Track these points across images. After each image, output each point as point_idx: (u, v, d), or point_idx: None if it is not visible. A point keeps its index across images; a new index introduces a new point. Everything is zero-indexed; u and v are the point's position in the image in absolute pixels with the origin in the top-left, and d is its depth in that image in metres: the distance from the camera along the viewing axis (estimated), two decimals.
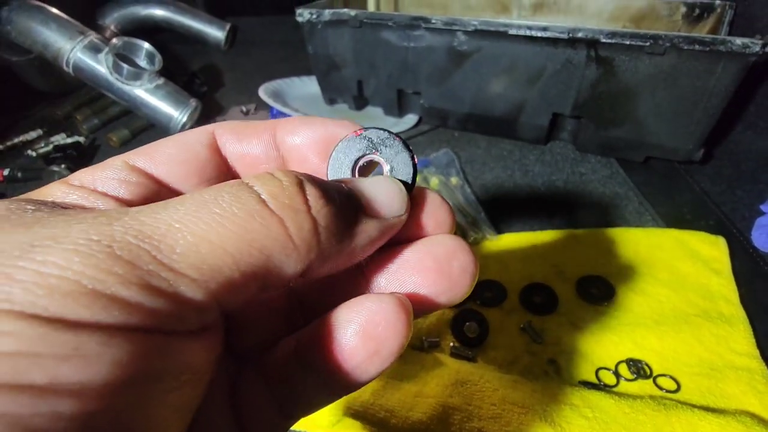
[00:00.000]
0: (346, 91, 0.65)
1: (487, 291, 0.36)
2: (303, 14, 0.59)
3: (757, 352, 0.30)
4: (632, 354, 0.30)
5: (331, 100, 0.69)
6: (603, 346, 0.31)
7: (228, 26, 1.01)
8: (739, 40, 0.39)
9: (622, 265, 0.37)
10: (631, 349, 0.31)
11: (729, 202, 0.46)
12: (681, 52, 0.42)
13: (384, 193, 0.13)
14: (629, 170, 0.51)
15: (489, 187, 0.51)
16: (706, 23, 0.54)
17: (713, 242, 0.38)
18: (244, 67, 0.90)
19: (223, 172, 0.15)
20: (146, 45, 0.65)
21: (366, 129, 0.14)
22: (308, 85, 0.72)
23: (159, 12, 0.99)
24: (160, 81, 0.65)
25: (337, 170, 0.14)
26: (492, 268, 0.38)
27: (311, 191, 0.11)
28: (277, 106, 0.63)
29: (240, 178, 0.12)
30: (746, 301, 0.34)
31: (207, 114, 0.67)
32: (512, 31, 0.47)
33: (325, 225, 0.11)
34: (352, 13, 0.56)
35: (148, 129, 0.71)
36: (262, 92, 0.65)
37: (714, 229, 0.40)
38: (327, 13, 0.58)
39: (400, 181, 0.13)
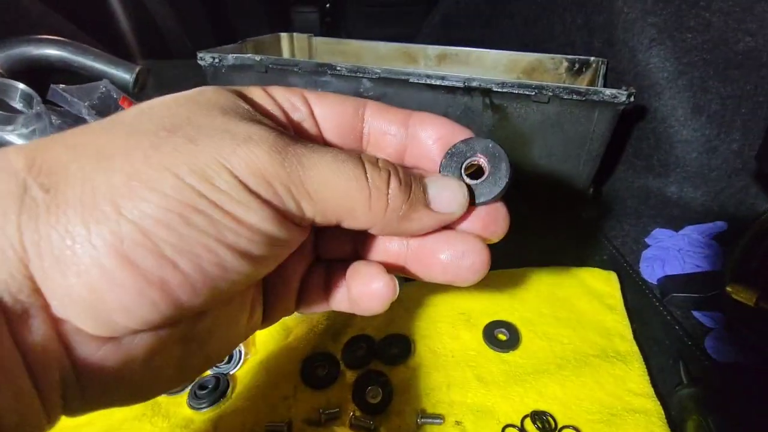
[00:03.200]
0: None
1: (393, 347, 0.33)
2: (205, 58, 0.57)
3: (652, 391, 0.30)
4: (537, 405, 0.29)
5: None
6: (509, 400, 0.30)
7: (137, 68, 0.95)
8: (608, 91, 0.44)
9: (526, 308, 0.37)
10: (536, 401, 0.29)
11: (619, 236, 0.49)
12: (563, 101, 0.45)
13: (447, 194, 0.16)
14: (532, 209, 0.53)
15: None
16: (585, 76, 0.60)
17: (606, 278, 0.40)
18: None
19: (357, 137, 0.18)
20: (21, 86, 0.58)
21: (477, 138, 0.17)
22: None
23: (54, 52, 0.90)
24: (39, 125, 0.58)
25: (448, 165, 0.17)
26: (398, 321, 0.36)
27: (394, 180, 0.15)
28: None
29: (368, 146, 0.19)
30: (639, 335, 0.35)
31: None
32: (412, 80, 0.49)
33: (393, 207, 0.15)
34: (257, 58, 0.54)
35: None
36: None
37: (607, 264, 0.42)
38: (230, 58, 0.56)
39: (497, 182, 0.17)
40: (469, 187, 0.17)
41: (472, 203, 0.17)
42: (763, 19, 0.48)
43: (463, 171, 0.17)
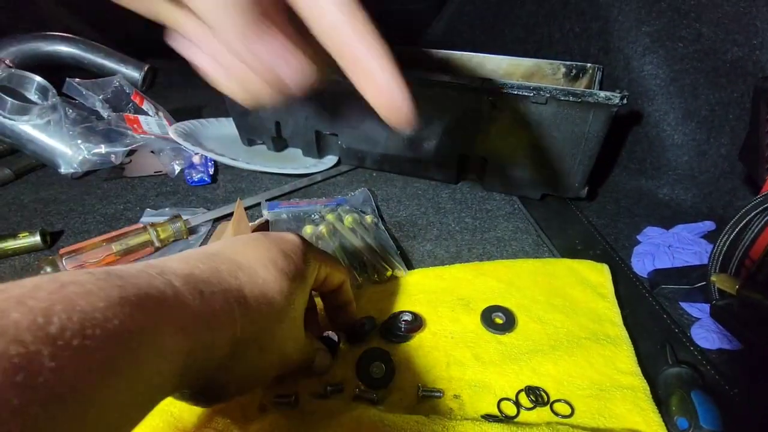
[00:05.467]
0: (264, 132, 0.64)
1: (395, 327, 0.35)
2: None
3: (639, 370, 0.32)
4: (531, 381, 0.31)
5: (249, 141, 0.67)
6: (504, 376, 0.31)
7: (146, 67, 0.97)
8: (602, 93, 0.46)
9: (522, 295, 0.39)
10: (530, 377, 0.31)
11: (612, 233, 0.51)
12: (559, 102, 0.48)
13: None
14: (529, 207, 0.55)
15: (403, 224, 0.52)
16: (582, 81, 0.63)
17: (599, 269, 0.42)
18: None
19: None
20: (38, 78, 0.60)
21: None
22: (225, 126, 0.70)
23: (65, 48, 0.93)
24: (54, 116, 0.59)
25: None
26: (401, 306, 0.38)
27: None
28: (189, 147, 0.60)
29: None
30: (629, 322, 0.37)
31: None
32: (415, 77, 0.51)
33: None
34: None
35: (36, 169, 0.64)
36: (173, 133, 0.62)
37: (600, 258, 0.44)
38: None
39: None
40: None
41: None
42: (750, 31, 0.50)
43: None
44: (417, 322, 0.35)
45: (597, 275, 0.41)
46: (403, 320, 0.35)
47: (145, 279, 0.18)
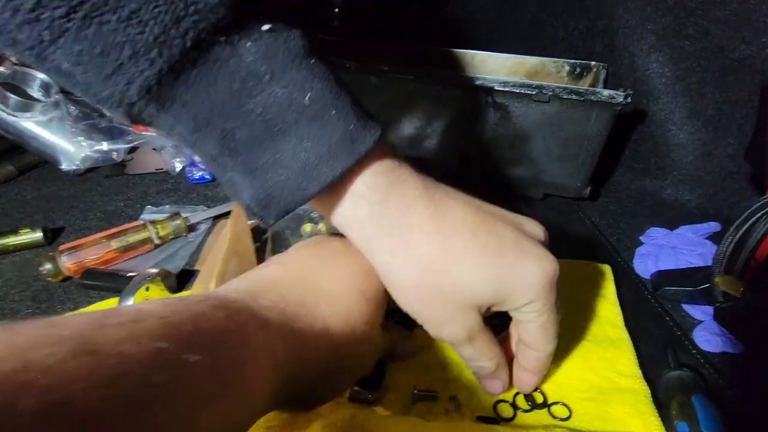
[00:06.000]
0: None
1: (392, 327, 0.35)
2: None
3: (639, 373, 0.31)
4: None
5: None
6: None
7: None
8: (606, 92, 0.45)
9: None
10: None
11: (615, 234, 0.50)
12: (562, 101, 0.47)
13: None
14: (531, 206, 0.54)
15: None
16: (586, 80, 0.62)
17: (600, 270, 0.41)
18: None
19: None
20: (41, 75, 0.60)
21: None
22: None
23: None
24: (56, 113, 0.60)
25: None
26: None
27: None
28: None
29: None
30: (630, 324, 0.36)
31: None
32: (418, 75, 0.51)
33: None
34: None
35: (39, 165, 0.64)
36: None
37: (602, 259, 0.43)
38: None
39: None
40: None
41: None
42: (759, 28, 0.49)
43: None
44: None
45: (598, 276, 0.40)
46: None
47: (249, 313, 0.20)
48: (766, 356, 0.33)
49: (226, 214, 0.52)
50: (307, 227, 0.47)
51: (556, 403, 0.29)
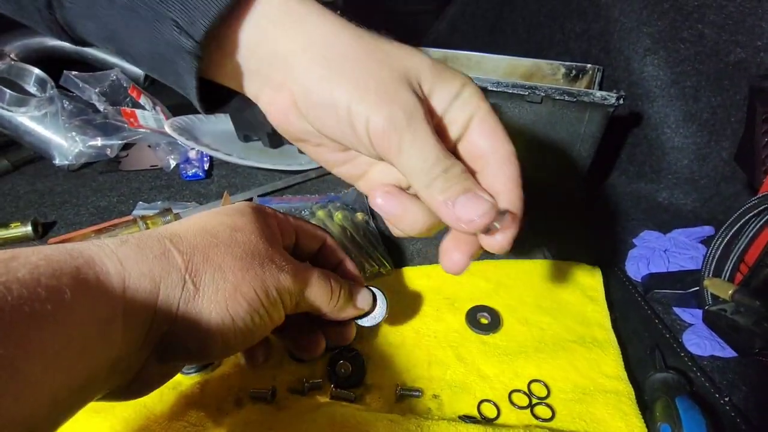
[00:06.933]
0: (260, 128, 0.64)
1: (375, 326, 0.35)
2: None
3: (625, 375, 0.31)
4: (513, 383, 0.30)
5: (245, 137, 0.67)
6: (485, 378, 0.31)
7: None
8: (599, 93, 0.45)
9: (510, 296, 0.38)
10: (511, 379, 0.30)
11: (608, 236, 0.50)
12: (555, 102, 0.47)
13: (362, 299, 0.29)
14: (526, 208, 0.54)
15: None
16: (581, 82, 0.62)
17: (591, 272, 0.41)
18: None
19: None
20: (36, 70, 0.60)
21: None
22: (222, 122, 0.70)
23: (69, 43, 0.94)
24: (51, 108, 0.60)
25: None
26: None
27: (344, 292, 0.27)
28: (185, 141, 0.60)
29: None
30: (620, 326, 0.36)
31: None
32: None
33: (340, 304, 0.27)
34: None
35: (34, 161, 0.64)
36: (169, 127, 0.62)
37: (594, 261, 0.43)
38: None
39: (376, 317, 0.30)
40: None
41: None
42: (753, 32, 0.49)
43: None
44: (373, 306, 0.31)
45: (588, 278, 0.40)
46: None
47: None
48: (754, 359, 0.33)
49: None
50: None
51: (539, 403, 0.29)
